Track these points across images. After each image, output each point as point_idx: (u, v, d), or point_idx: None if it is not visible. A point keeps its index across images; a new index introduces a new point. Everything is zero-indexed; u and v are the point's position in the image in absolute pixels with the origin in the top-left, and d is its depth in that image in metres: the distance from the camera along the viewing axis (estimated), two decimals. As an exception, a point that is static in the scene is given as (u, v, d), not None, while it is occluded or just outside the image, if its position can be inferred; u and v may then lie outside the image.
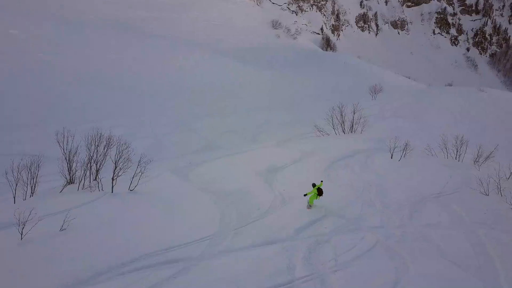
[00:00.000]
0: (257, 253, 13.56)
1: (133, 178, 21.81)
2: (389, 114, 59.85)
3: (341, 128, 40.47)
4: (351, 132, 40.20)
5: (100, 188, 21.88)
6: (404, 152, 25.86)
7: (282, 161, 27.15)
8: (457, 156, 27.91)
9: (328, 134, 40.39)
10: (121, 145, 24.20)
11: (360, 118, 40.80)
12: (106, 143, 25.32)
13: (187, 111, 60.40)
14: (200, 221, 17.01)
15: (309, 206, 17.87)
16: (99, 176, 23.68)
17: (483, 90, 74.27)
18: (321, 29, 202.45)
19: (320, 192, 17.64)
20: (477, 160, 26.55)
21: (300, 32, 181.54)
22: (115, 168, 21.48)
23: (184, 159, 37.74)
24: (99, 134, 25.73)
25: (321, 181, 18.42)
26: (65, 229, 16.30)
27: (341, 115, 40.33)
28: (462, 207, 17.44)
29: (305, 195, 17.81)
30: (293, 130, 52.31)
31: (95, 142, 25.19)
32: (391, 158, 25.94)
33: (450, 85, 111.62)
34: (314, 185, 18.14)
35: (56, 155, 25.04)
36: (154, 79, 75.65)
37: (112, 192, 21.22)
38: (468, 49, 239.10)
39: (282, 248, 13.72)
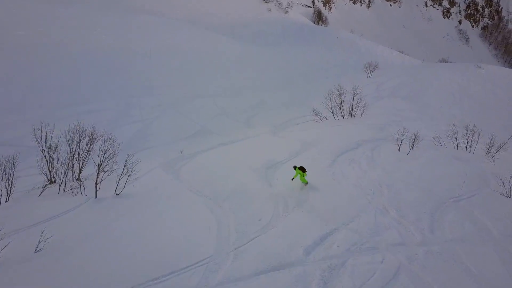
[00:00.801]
0: (262, 283, 11.58)
1: (119, 180, 19.49)
2: (386, 93, 57.61)
3: (340, 112, 38.19)
4: (351, 116, 38.02)
5: (83, 192, 19.59)
6: (412, 144, 23.84)
7: (281, 155, 25.00)
8: (468, 147, 25.99)
9: (327, 119, 38.21)
10: (105, 142, 21.69)
11: (360, 101, 38.52)
12: (89, 139, 22.85)
13: (176, 91, 57.47)
14: (195, 235, 14.93)
15: (305, 184, 19.20)
16: (82, 178, 21.41)
17: (480, 67, 72.16)
18: (313, 2, 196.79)
19: (303, 169, 19.21)
20: (489, 150, 24.70)
21: (291, 6, 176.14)
22: (98, 172, 19.10)
23: (175, 148, 35.42)
24: (81, 129, 23.25)
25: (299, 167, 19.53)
26: (40, 249, 14.15)
27: (340, 98, 38.02)
28: (485, 214, 15.59)
29: (292, 179, 19.36)
30: (288, 112, 50.06)
31: (77, 138, 22.75)
32: (399, 150, 23.94)
33: (445, 61, 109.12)
34: (295, 167, 19.60)
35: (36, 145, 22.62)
36: (140, 57, 72.01)
37: (96, 197, 18.95)
38: (460, 22, 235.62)
39: (292, 276, 11.76)
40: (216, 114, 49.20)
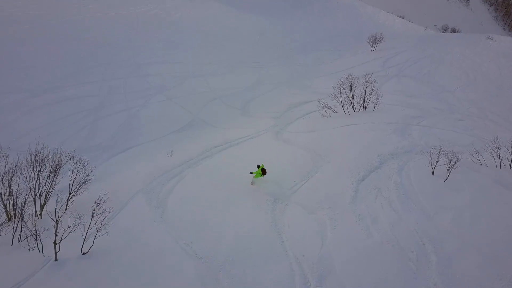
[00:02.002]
0: None
1: (86, 235, 14.85)
2: (394, 71, 52.35)
3: (350, 103, 33.29)
4: (363, 109, 33.15)
5: (41, 249, 15.00)
6: (449, 166, 19.29)
7: (289, 177, 20.41)
8: (512, 165, 21.51)
9: (335, 111, 33.31)
10: (73, 171, 16.91)
11: (372, 91, 33.51)
12: (52, 170, 17.97)
13: (164, 69, 51.65)
14: None
15: (253, 182, 19.91)
16: (39, 234, 16.72)
17: (491, 38, 66.54)
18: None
19: (264, 172, 19.58)
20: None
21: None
22: (57, 228, 14.36)
23: (164, 146, 30.85)
24: (41, 154, 18.29)
25: (262, 164, 20.16)
26: None
27: (351, 89, 32.97)
28: None
29: (251, 173, 19.97)
30: (289, 96, 45.00)
31: (36, 167, 17.83)
32: (433, 174, 19.43)
33: (454, 30, 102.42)
34: (258, 166, 19.91)
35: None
36: (123, 30, 65.15)
37: (56, 259, 14.42)
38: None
39: None
40: (210, 99, 43.95)
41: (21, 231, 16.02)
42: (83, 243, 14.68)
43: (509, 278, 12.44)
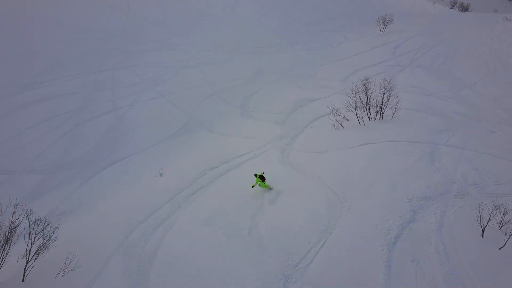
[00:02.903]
0: None
1: None
2: (407, 61, 47.24)
3: (361, 108, 28.70)
4: (379, 117, 28.57)
5: None
6: (501, 223, 15.12)
7: (301, 232, 16.29)
8: None
9: (348, 120, 28.75)
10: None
11: (390, 97, 28.80)
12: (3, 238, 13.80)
13: (156, 60, 46.34)
14: None
15: (269, 189, 19.81)
16: None
17: (510, 19, 60.79)
18: None
19: (263, 178, 19.54)
20: None
21: None
22: None
23: (153, 161, 26.67)
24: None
25: (263, 172, 19.97)
26: None
27: (366, 95, 28.26)
28: None
29: (252, 186, 19.66)
30: (294, 90, 40.24)
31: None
32: (482, 236, 15.29)
33: (462, 5, 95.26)
34: (256, 175, 19.72)
35: None
36: (110, 12, 59.01)
37: None
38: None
39: None
40: (206, 95, 39.08)
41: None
42: None
43: None
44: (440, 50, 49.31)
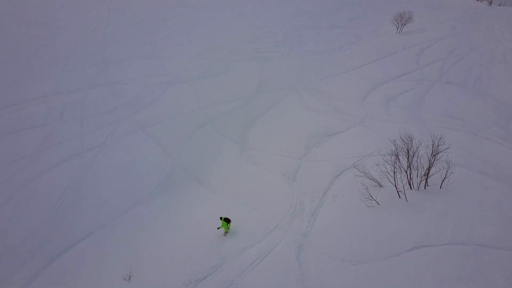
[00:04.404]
0: None
1: None
2: (435, 74, 38.84)
3: (396, 170, 20.79)
4: (424, 186, 20.66)
5: None
6: None
7: None
8: None
9: (381, 186, 20.94)
10: None
11: (438, 150, 20.77)
12: None
13: (140, 74, 37.79)
14: None
15: (225, 233, 19.03)
16: None
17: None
18: None
19: (228, 221, 18.72)
20: None
21: None
22: None
23: (118, 244, 19.28)
24: None
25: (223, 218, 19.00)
26: None
27: (408, 154, 20.21)
28: None
29: (218, 228, 18.88)
30: (302, 113, 32.23)
31: None
32: None
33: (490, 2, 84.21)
34: (221, 218, 18.89)
35: None
36: (89, 8, 49.67)
37: None
38: None
39: None
40: (197, 125, 31.06)
41: None
42: None
43: None
44: (472, 59, 40.75)
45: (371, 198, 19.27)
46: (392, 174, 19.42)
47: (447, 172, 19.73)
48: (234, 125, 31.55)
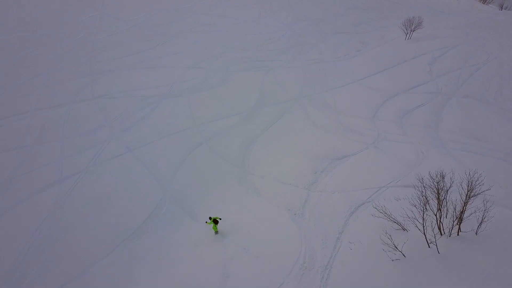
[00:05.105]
0: None
1: None
2: (451, 86, 35.38)
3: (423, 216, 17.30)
4: (457, 232, 17.13)
5: None
6: None
7: None
8: None
9: (405, 230, 17.45)
10: None
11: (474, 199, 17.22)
12: None
13: (131, 85, 34.31)
14: None
15: (216, 232, 19.22)
16: None
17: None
18: None
19: (216, 222, 18.93)
20: None
21: None
22: None
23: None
24: None
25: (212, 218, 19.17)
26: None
27: (438, 198, 16.66)
28: None
29: (206, 222, 19.11)
30: (307, 132, 28.79)
31: None
32: None
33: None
34: (210, 218, 19.05)
35: None
36: (80, 13, 46.17)
37: None
38: None
39: None
40: (192, 145, 27.64)
41: None
42: None
43: None
44: (490, 70, 37.26)
45: (395, 249, 15.78)
46: (419, 220, 15.93)
47: (484, 216, 16.24)
48: (232, 145, 28.08)
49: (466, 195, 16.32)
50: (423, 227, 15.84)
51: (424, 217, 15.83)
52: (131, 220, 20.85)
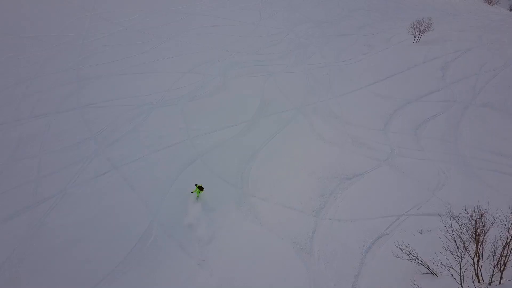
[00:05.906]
0: None
1: None
2: (467, 94, 32.28)
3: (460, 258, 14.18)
4: (499, 280, 14.01)
5: None
6: None
7: None
8: None
9: (434, 275, 14.32)
10: None
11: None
12: None
13: (117, 95, 31.18)
14: None
15: (197, 198, 20.44)
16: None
17: None
18: None
19: (201, 188, 20.47)
20: None
21: None
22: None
23: None
24: None
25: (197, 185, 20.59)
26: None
27: (475, 233, 13.56)
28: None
29: (192, 192, 20.47)
30: (314, 148, 25.73)
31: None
32: None
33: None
34: (196, 185, 20.56)
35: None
36: (68, 12, 43.00)
37: None
38: None
39: None
40: (185, 162, 24.51)
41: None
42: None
43: None
44: (509, 77, 34.14)
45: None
46: (456, 268, 12.84)
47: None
48: (230, 161, 24.98)
49: (507, 238, 13.22)
50: (460, 277, 12.73)
51: (462, 265, 12.72)
52: (112, 254, 17.76)
